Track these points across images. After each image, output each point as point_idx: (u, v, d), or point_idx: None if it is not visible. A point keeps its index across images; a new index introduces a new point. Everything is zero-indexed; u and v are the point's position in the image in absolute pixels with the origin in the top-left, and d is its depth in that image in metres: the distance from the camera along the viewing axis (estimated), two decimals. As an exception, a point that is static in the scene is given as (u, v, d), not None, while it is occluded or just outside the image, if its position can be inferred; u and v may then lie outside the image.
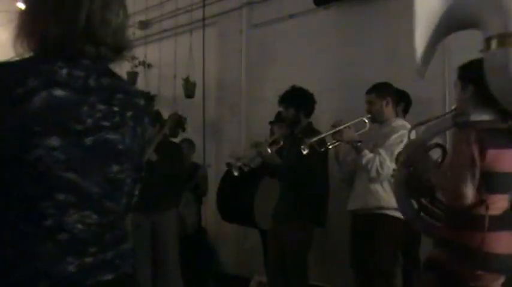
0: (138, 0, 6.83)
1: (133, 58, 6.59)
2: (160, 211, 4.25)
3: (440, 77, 4.10)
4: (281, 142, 4.20)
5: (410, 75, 4.16)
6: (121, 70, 6.18)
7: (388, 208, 3.31)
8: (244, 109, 5.73)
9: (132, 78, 6.57)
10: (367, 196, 3.36)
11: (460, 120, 2.23)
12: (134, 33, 6.84)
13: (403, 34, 4.40)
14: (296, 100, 3.99)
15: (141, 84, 6.60)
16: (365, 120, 3.49)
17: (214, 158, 5.70)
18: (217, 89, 6.05)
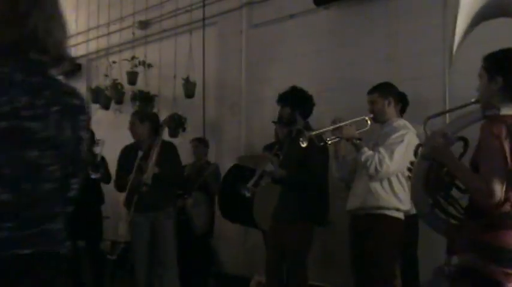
0: (138, 0, 6.85)
1: (133, 58, 6.61)
2: (158, 211, 4.25)
3: (441, 77, 4.11)
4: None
5: (410, 75, 4.22)
6: (121, 70, 6.15)
7: (387, 208, 3.31)
8: (244, 109, 5.73)
9: (132, 78, 6.58)
10: (366, 195, 3.35)
11: (490, 113, 2.11)
12: (134, 33, 6.86)
13: (403, 34, 4.41)
14: (292, 100, 4.00)
15: (141, 84, 6.60)
16: (366, 119, 3.48)
17: (215, 158, 5.69)
18: (217, 89, 6.05)
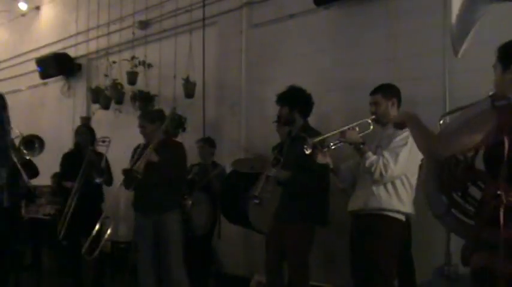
0: (138, 0, 6.85)
1: (133, 58, 6.61)
2: (161, 212, 4.23)
3: (441, 77, 4.10)
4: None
5: (410, 75, 4.22)
6: (121, 70, 6.17)
7: (389, 210, 3.31)
8: (244, 109, 5.72)
9: (132, 78, 6.58)
10: (368, 197, 3.35)
11: (500, 104, 1.98)
12: (134, 33, 6.86)
13: (403, 34, 4.41)
14: (291, 99, 4.01)
15: (141, 84, 6.60)
16: (369, 121, 3.44)
17: (215, 158, 5.69)
18: (217, 89, 6.05)
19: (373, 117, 3.44)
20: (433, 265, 3.93)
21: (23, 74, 8.84)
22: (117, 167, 5.59)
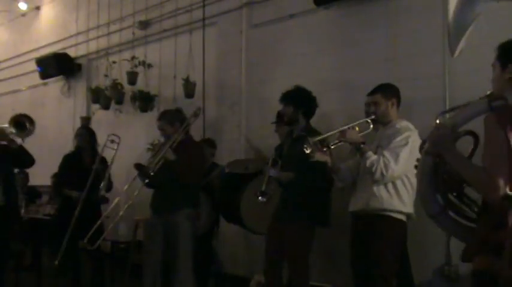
0: (138, 0, 6.85)
1: (133, 58, 6.61)
2: (173, 212, 4.22)
3: (441, 77, 4.10)
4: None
5: (410, 75, 4.22)
6: (121, 70, 6.16)
7: (390, 210, 3.31)
8: (244, 109, 5.72)
9: (132, 78, 6.58)
10: (369, 198, 3.34)
11: (497, 104, 1.98)
12: (134, 33, 6.86)
13: (403, 34, 4.41)
14: (296, 99, 4.01)
15: (141, 84, 6.60)
16: (369, 121, 3.43)
17: (215, 158, 5.68)
18: (217, 89, 6.04)
19: (373, 117, 3.44)
20: (433, 265, 3.94)
21: (23, 74, 8.84)
22: (117, 167, 5.61)
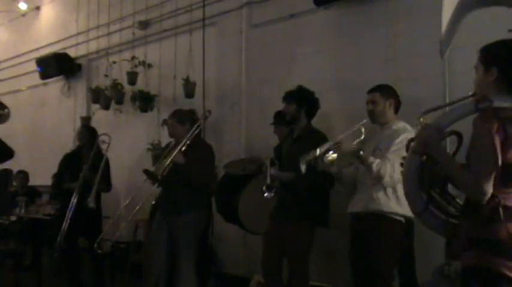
0: (138, 0, 6.85)
1: (133, 58, 6.61)
2: (179, 214, 4.20)
3: (440, 77, 4.10)
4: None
5: (409, 75, 4.22)
6: (121, 70, 6.16)
7: (389, 213, 3.31)
8: (244, 109, 5.72)
9: (132, 78, 6.58)
10: (368, 201, 3.35)
11: (483, 105, 2.04)
12: (134, 33, 6.87)
13: (403, 34, 4.41)
14: (299, 98, 4.02)
15: (141, 84, 6.60)
16: (361, 129, 3.39)
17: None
18: (217, 89, 6.05)
19: (365, 121, 3.39)
20: (433, 265, 3.93)
21: (23, 74, 8.84)
22: (117, 167, 5.61)
